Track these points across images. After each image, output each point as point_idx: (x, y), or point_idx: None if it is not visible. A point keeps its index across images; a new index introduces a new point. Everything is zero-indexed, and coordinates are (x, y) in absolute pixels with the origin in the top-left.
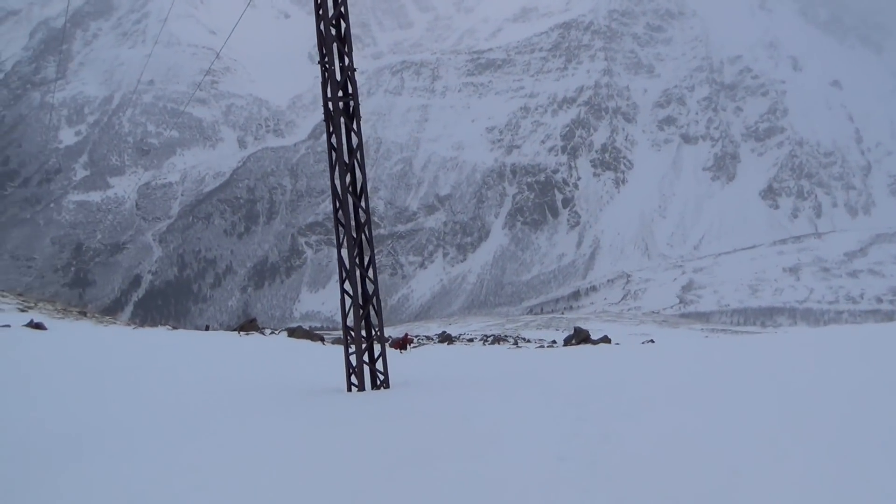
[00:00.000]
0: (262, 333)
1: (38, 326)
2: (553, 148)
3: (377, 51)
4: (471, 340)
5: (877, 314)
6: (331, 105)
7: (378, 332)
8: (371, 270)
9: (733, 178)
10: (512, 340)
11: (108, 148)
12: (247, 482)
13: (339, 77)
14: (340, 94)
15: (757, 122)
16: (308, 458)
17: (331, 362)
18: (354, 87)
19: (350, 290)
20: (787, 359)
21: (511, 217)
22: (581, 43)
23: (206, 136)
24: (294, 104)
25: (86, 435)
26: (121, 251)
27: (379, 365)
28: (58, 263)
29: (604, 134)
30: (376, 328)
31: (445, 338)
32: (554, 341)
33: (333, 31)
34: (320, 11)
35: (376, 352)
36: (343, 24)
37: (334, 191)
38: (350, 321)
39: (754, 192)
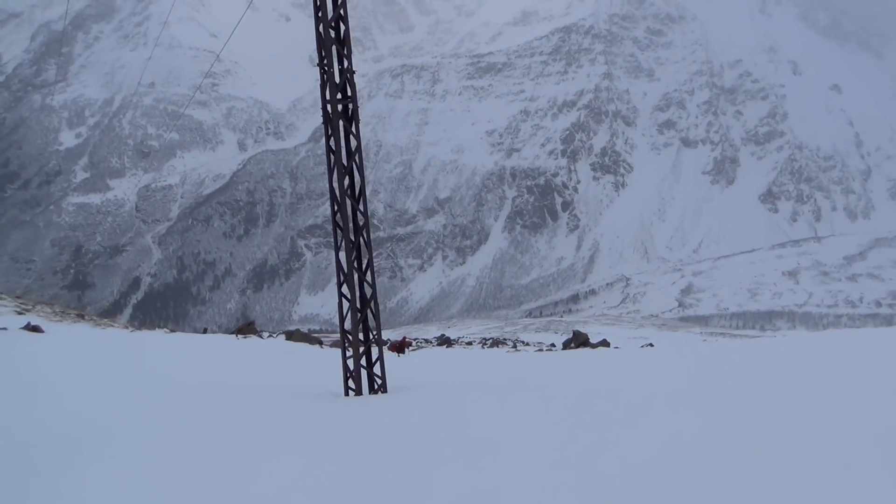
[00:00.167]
0: (260, 336)
1: (35, 329)
2: (553, 151)
3: (378, 54)
4: (469, 343)
5: (876, 318)
6: (329, 107)
7: (376, 336)
8: (369, 274)
9: (733, 181)
10: (511, 344)
11: (109, 150)
12: (239, 489)
13: (338, 79)
14: (339, 96)
15: (756, 126)
16: (302, 464)
17: (328, 366)
18: (353, 90)
19: (348, 294)
20: (785, 363)
21: (510, 220)
22: (581, 47)
23: (207, 139)
24: (294, 107)
25: (79, 437)
26: (120, 253)
27: (377, 369)
28: (57, 266)
29: (604, 137)
30: (374, 332)
31: (444, 341)
32: (553, 345)
33: (333, 33)
34: (320, 14)
35: (374, 356)
36: (342, 27)
37: (332, 193)
38: (348, 325)
39: (754, 196)
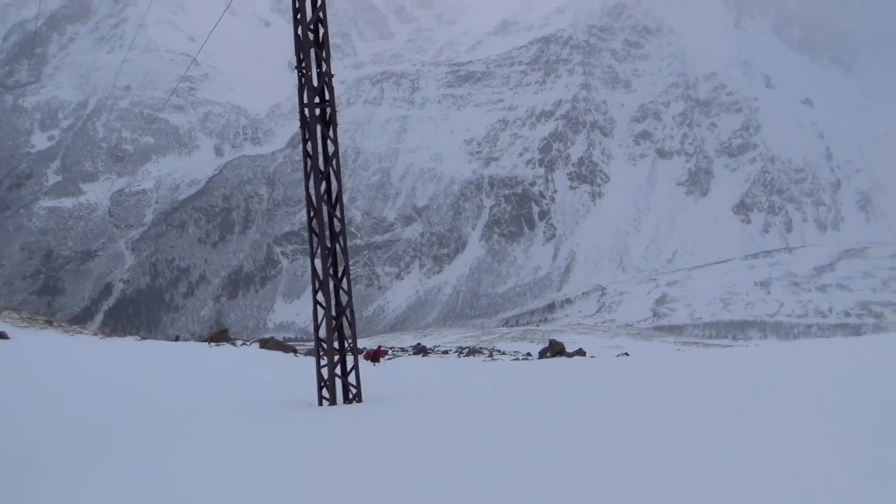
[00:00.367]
0: (234, 344)
1: (0, 335)
2: (531, 161)
3: (357, 61)
4: (446, 352)
5: (844, 328)
6: (307, 111)
7: (351, 345)
8: (345, 281)
9: (707, 192)
10: (487, 353)
11: (82, 153)
12: None
13: (316, 83)
14: (317, 100)
15: (730, 139)
16: (271, 477)
17: (303, 375)
18: (332, 94)
19: (323, 301)
20: (761, 373)
21: (488, 229)
22: (560, 57)
23: (183, 143)
24: (273, 112)
25: (29, 451)
26: (92, 259)
27: (351, 378)
28: (27, 271)
29: (581, 147)
30: (349, 340)
31: (420, 350)
32: (529, 354)
33: (311, 35)
34: (298, 16)
35: (349, 364)
36: (321, 30)
37: (309, 199)
38: (323, 333)
39: (727, 207)
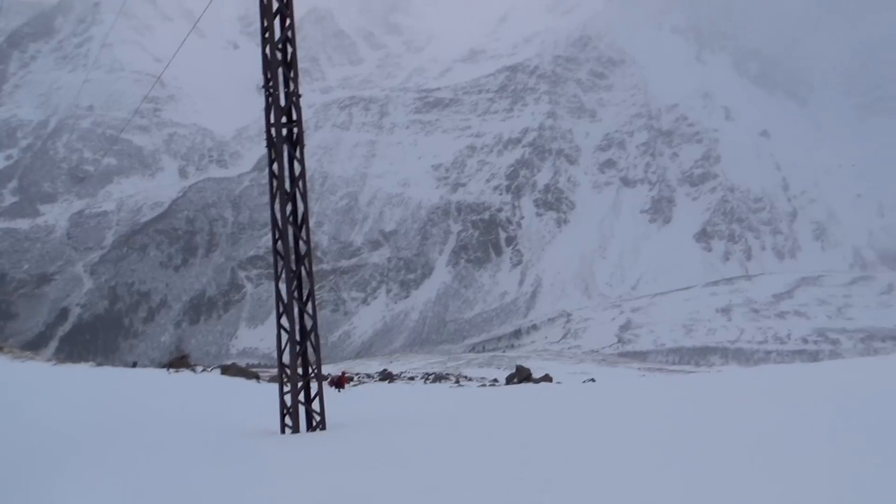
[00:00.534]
0: (194, 371)
1: None
2: (498, 187)
3: (326, 85)
4: (412, 379)
5: (802, 354)
6: (274, 131)
7: (315, 371)
8: (310, 305)
9: (669, 220)
10: (454, 379)
11: (40, 174)
12: None
13: (283, 102)
14: (284, 119)
15: (692, 168)
16: None
17: (265, 401)
18: (299, 114)
19: (287, 325)
20: (724, 400)
21: (455, 254)
22: (527, 86)
23: (146, 165)
24: (240, 135)
25: None
26: (48, 282)
27: (315, 405)
28: None
29: (547, 175)
30: (314, 366)
31: (386, 376)
32: (496, 380)
33: (279, 55)
34: (266, 34)
35: (313, 391)
36: (289, 49)
37: (274, 220)
38: (286, 358)
39: (689, 235)
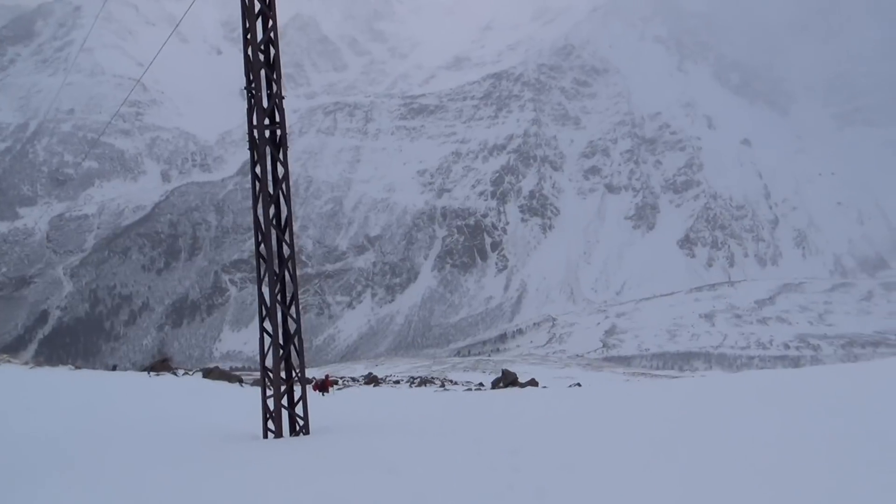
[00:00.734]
0: (175, 374)
1: None
2: (483, 193)
3: (311, 91)
4: (397, 382)
5: (784, 360)
6: (257, 133)
7: (299, 375)
8: (294, 308)
9: (653, 227)
10: (439, 383)
11: (20, 177)
12: None
13: (266, 104)
14: (267, 121)
15: (675, 176)
16: None
17: (248, 406)
18: (282, 116)
19: (270, 329)
20: (711, 404)
21: (440, 259)
22: (511, 93)
23: (128, 168)
24: (223, 140)
25: None
26: (27, 285)
27: (299, 409)
28: None
29: (532, 181)
30: (297, 370)
31: (371, 379)
32: (481, 384)
33: (262, 56)
34: (248, 35)
35: (296, 395)
36: (272, 51)
37: (257, 223)
38: (269, 361)
39: (672, 242)
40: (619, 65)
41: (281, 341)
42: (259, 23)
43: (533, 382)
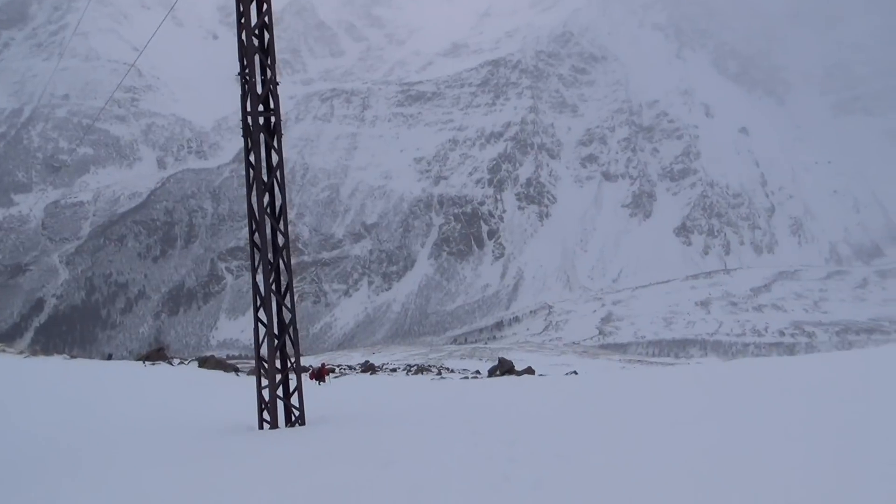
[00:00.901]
0: (170, 363)
1: None
2: (480, 180)
3: (307, 77)
4: (394, 370)
5: (779, 347)
6: (250, 119)
7: (294, 364)
8: (288, 297)
9: (650, 215)
10: (436, 370)
11: (15, 163)
12: None
13: (260, 90)
14: (261, 108)
15: (672, 164)
16: None
17: (244, 396)
18: (277, 102)
19: (265, 318)
20: (709, 392)
21: (437, 247)
22: (509, 80)
23: (123, 155)
24: (219, 126)
25: None
26: (23, 273)
27: (294, 400)
28: None
29: (529, 169)
30: (292, 359)
31: (368, 367)
32: (478, 372)
33: (256, 41)
34: (242, 20)
35: (292, 385)
36: (266, 35)
37: (251, 211)
38: (264, 351)
39: (669, 229)
40: (618, 52)
41: (276, 331)
42: (253, 7)
43: (529, 370)
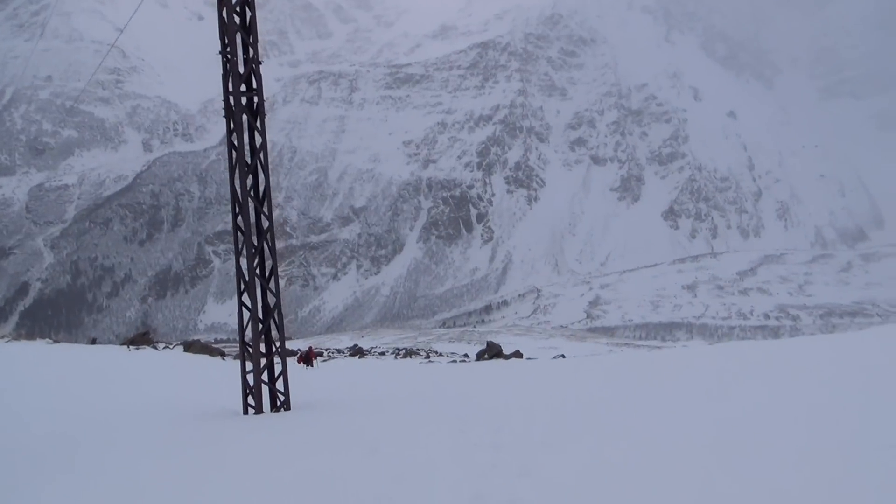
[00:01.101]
0: (155, 347)
1: None
2: (469, 164)
3: (294, 59)
4: (382, 354)
5: (764, 329)
6: (232, 100)
7: (279, 349)
8: (273, 281)
9: (638, 199)
10: (424, 354)
11: None
12: None
13: (242, 69)
14: (244, 87)
15: (660, 147)
16: (179, 501)
17: (229, 380)
18: (259, 82)
19: (249, 303)
20: (694, 378)
21: (426, 230)
22: (498, 63)
23: (108, 138)
24: (205, 108)
25: None
26: (6, 257)
27: (280, 384)
28: None
29: (518, 152)
30: (277, 344)
31: (357, 351)
32: (466, 355)
33: (238, 19)
34: None
35: (277, 370)
36: (248, 13)
37: (234, 194)
38: (249, 336)
39: (657, 213)
40: (607, 35)
41: (260, 315)
42: None
43: (517, 354)
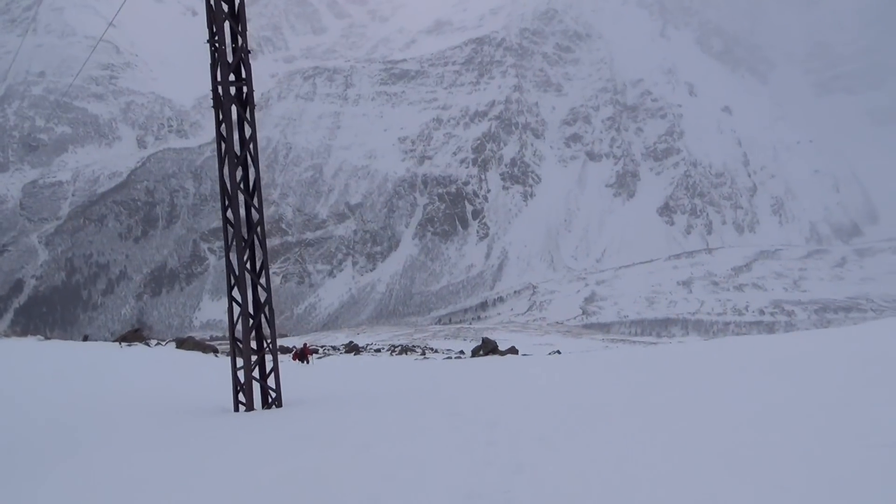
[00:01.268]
0: (148, 344)
1: None
2: (464, 160)
3: (289, 54)
4: (378, 351)
5: (759, 325)
6: (221, 90)
7: (270, 345)
8: (264, 276)
9: (633, 194)
10: (420, 351)
11: None
12: None
13: (231, 59)
14: (232, 77)
15: (655, 143)
16: (167, 500)
17: (221, 377)
18: (248, 71)
19: (239, 298)
20: (691, 373)
21: (421, 227)
22: (493, 59)
23: (102, 134)
24: (200, 104)
25: None
26: (0, 254)
27: (271, 381)
28: None
29: (513, 148)
30: (269, 340)
31: (352, 348)
32: (462, 352)
33: (226, 6)
34: None
35: (268, 367)
36: (237, 0)
37: (223, 187)
38: (239, 332)
39: (652, 209)
40: (602, 30)
41: (251, 311)
42: None
43: (513, 350)
